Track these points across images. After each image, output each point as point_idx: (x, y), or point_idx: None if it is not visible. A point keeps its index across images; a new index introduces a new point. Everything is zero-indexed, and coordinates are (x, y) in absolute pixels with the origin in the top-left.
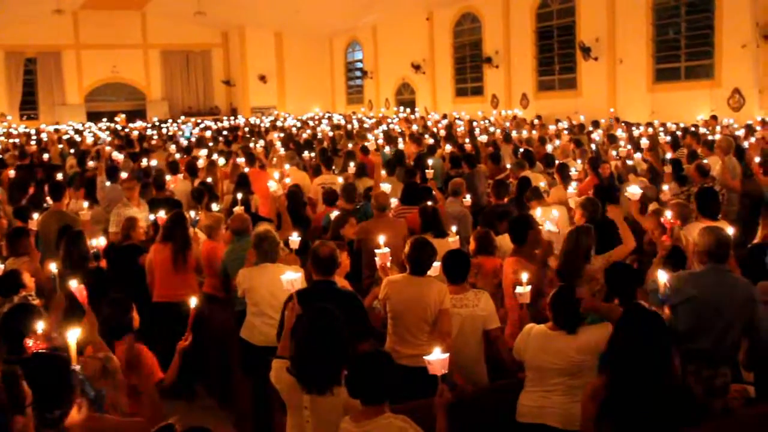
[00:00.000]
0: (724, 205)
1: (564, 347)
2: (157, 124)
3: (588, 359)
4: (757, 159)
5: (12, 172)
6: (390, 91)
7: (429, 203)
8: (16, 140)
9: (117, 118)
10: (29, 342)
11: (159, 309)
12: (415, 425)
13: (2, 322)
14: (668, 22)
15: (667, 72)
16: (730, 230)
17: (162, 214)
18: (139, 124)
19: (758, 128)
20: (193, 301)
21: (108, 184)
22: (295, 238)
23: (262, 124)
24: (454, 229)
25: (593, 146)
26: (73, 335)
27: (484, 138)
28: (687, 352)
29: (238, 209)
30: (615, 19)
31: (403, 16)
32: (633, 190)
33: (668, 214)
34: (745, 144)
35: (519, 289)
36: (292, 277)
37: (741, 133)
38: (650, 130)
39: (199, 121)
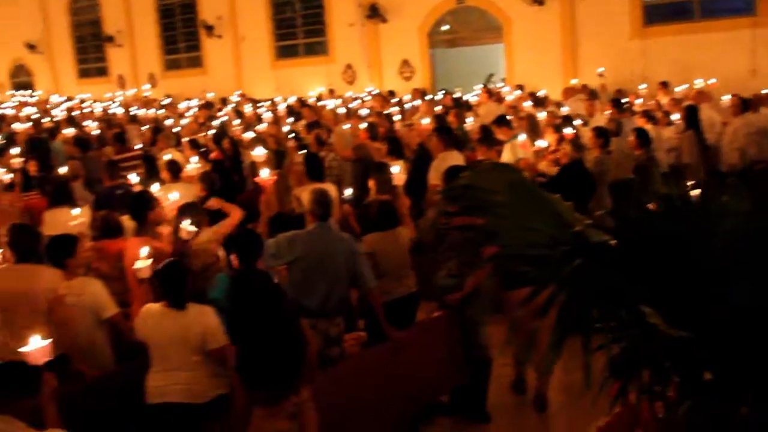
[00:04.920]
0: (334, 169)
1: (178, 324)
2: None
3: (203, 332)
4: (363, 125)
5: None
6: (3, 73)
7: None
8: None
9: None
10: None
11: None
12: (18, 422)
13: None
14: (285, 0)
15: (287, 49)
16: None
17: None
18: None
19: (368, 98)
20: None
21: None
22: None
23: None
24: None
25: (217, 122)
26: None
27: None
28: (302, 307)
29: None
30: None
31: None
32: (257, 152)
33: (263, 173)
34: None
35: (138, 264)
36: None
37: (355, 104)
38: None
39: None
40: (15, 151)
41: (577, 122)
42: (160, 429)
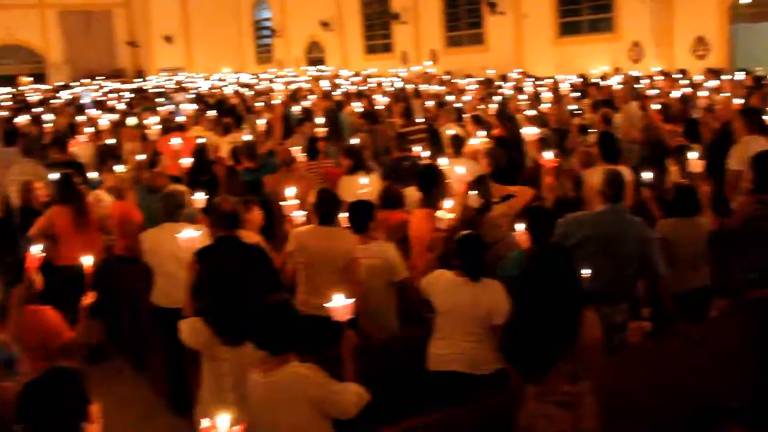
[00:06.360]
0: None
1: (469, 294)
2: (58, 86)
3: (491, 306)
4: (656, 106)
5: None
6: (300, 49)
7: None
8: None
9: (25, 79)
10: None
11: (64, 272)
12: (321, 372)
13: None
14: None
15: (570, 26)
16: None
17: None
18: (39, 86)
19: (657, 79)
20: (87, 260)
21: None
22: (200, 197)
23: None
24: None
25: (498, 98)
26: None
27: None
28: (586, 290)
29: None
30: None
31: None
32: (529, 131)
33: (547, 154)
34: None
35: (439, 213)
36: (190, 235)
37: (642, 84)
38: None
39: (103, 83)
40: (319, 121)
41: None
42: (441, 396)
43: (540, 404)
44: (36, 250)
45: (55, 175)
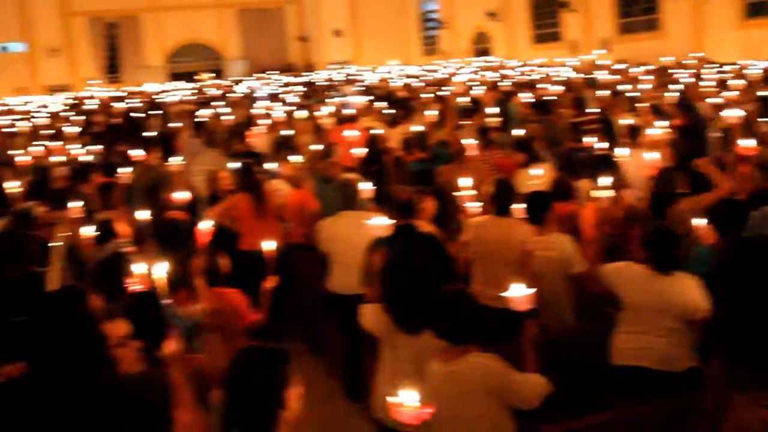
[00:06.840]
0: None
1: (660, 288)
2: (234, 80)
3: (686, 301)
4: None
5: None
6: (466, 40)
7: None
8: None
9: (205, 75)
10: (127, 283)
11: (246, 256)
12: (503, 362)
13: (98, 268)
14: None
15: (758, 6)
16: None
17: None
18: (218, 82)
19: None
20: (268, 245)
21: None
22: (368, 187)
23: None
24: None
25: (675, 86)
26: (161, 269)
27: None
28: None
29: None
30: None
31: None
32: (731, 113)
33: (746, 142)
34: None
35: (596, 193)
36: (380, 222)
37: None
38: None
39: (276, 78)
40: (491, 111)
41: None
42: (624, 391)
43: (754, 408)
44: (205, 226)
45: (236, 165)
